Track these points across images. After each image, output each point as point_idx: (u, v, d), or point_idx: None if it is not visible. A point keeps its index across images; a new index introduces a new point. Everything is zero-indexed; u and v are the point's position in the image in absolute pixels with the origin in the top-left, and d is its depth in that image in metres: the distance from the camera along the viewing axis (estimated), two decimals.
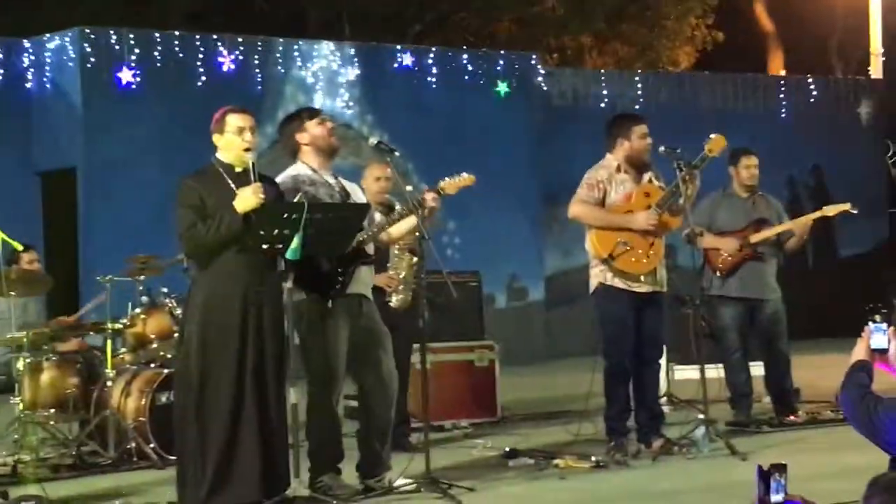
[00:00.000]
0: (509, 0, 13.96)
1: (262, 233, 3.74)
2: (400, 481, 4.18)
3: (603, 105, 10.75)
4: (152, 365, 5.09)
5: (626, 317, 4.80)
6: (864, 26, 13.58)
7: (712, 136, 4.95)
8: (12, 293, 4.89)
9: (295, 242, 3.82)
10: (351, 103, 9.74)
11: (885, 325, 2.91)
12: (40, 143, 9.09)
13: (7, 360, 5.33)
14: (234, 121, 3.97)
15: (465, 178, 4.48)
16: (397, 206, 4.72)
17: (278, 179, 4.22)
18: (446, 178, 4.49)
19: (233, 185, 3.89)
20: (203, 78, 9.16)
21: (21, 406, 4.77)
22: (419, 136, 9.46)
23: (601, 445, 4.80)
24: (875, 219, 11.78)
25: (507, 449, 4.92)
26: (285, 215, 3.85)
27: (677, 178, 4.79)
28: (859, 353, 2.95)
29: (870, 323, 2.89)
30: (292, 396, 3.87)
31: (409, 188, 4.66)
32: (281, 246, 3.81)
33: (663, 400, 5.71)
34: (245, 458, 3.87)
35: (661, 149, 4.92)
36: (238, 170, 3.95)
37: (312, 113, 4.54)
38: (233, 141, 3.95)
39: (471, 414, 6.07)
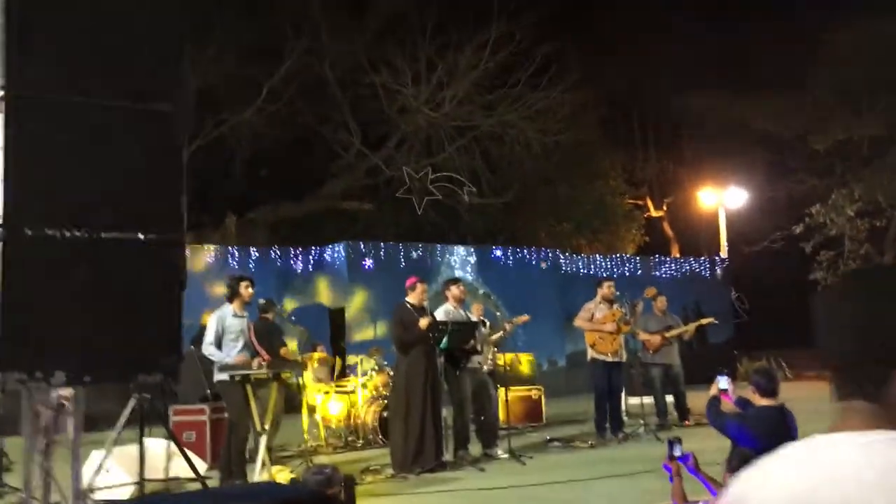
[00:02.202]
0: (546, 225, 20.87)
1: (431, 335, 7.52)
2: (499, 452, 7.99)
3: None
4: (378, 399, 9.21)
5: (603, 373, 9.08)
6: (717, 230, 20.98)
7: (648, 287, 9.58)
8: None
9: (444, 341, 7.67)
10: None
11: (726, 377, 5.14)
12: None
13: None
14: (421, 286, 8.03)
15: (524, 317, 9.07)
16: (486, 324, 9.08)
17: (439, 313, 8.07)
18: (516, 318, 9.07)
19: (416, 315, 7.68)
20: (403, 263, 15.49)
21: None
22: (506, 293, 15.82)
23: (592, 436, 8.84)
24: (725, 326, 19.48)
25: (549, 437, 9.22)
26: (440, 328, 7.49)
27: (627, 309, 9.42)
28: (713, 391, 5.13)
29: (718, 376, 5.95)
30: (444, 412, 7.81)
31: (498, 314, 9.34)
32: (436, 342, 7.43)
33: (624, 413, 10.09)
34: (428, 441, 7.30)
35: (618, 293, 9.52)
36: (419, 307, 7.89)
37: (455, 281, 8.64)
38: (418, 294, 7.84)
39: (530, 421, 10.57)
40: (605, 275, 18.63)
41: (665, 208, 25.46)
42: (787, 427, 4.96)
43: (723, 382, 5.39)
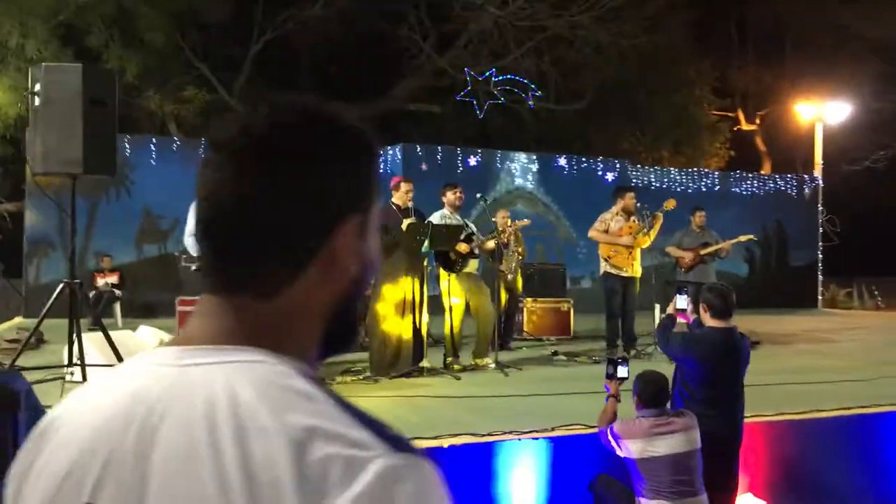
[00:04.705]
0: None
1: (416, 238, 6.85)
2: (488, 362, 7.52)
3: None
4: None
5: (617, 288, 8.58)
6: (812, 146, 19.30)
7: (667, 200, 8.76)
8: None
9: (426, 244, 6.93)
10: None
11: (685, 296, 4.90)
12: None
13: None
14: (405, 185, 7.26)
15: (525, 221, 8.52)
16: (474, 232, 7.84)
17: (434, 217, 7.42)
18: (517, 221, 8.48)
19: (400, 216, 7.04)
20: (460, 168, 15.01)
21: None
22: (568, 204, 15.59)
23: (604, 352, 8.34)
24: (810, 249, 18.69)
25: (554, 351, 8.84)
26: (421, 229, 6.79)
27: (647, 221, 8.81)
28: (670, 309, 5.67)
29: (677, 294, 5.37)
30: (426, 317, 7.26)
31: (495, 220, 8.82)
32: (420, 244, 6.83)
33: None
34: (405, 346, 6.81)
35: (638, 204, 8.87)
36: (403, 207, 7.15)
37: (452, 185, 7.73)
38: (402, 195, 7.11)
39: (558, 334, 10.31)
40: (679, 189, 17.70)
41: (759, 121, 23.73)
42: (734, 352, 4.53)
43: (681, 301, 4.97)
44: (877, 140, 20.86)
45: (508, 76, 17.05)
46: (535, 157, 16.61)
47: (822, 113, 19.80)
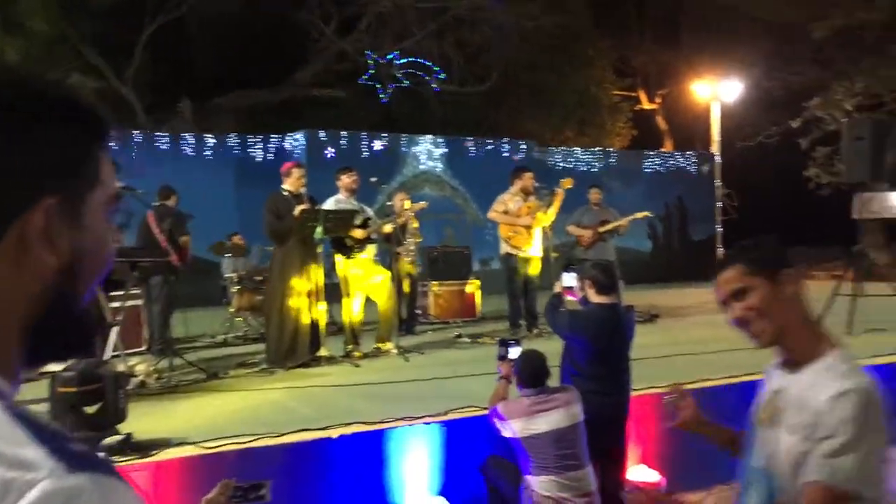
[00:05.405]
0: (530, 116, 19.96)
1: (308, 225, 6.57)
2: (390, 348, 7.43)
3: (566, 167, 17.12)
4: None
5: (517, 268, 8.56)
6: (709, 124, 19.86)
7: (564, 179, 8.75)
8: None
9: (318, 230, 6.68)
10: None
11: (573, 273, 4.71)
12: None
13: None
14: (297, 171, 6.94)
15: (422, 203, 8.19)
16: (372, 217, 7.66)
17: (328, 203, 7.15)
18: (414, 204, 8.07)
19: (293, 203, 6.72)
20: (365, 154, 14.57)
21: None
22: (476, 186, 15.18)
23: (507, 333, 8.31)
24: (710, 224, 19.14)
25: (458, 334, 8.77)
26: (313, 215, 6.54)
27: (544, 199, 8.84)
28: (557, 288, 4.80)
29: (564, 272, 5.38)
30: (323, 305, 6.89)
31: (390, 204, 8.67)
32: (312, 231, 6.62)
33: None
34: (302, 336, 6.66)
35: (537, 184, 8.91)
36: (295, 194, 6.84)
37: (346, 169, 7.59)
38: (294, 181, 6.83)
39: (463, 316, 10.34)
40: (585, 169, 17.97)
41: (659, 101, 24.37)
42: (620, 328, 4.56)
43: (567, 279, 4.93)
44: (769, 117, 21.68)
45: (411, 59, 16.90)
46: (441, 141, 16.59)
47: (717, 92, 20.45)
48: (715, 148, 19.80)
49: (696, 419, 2.33)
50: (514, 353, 4.44)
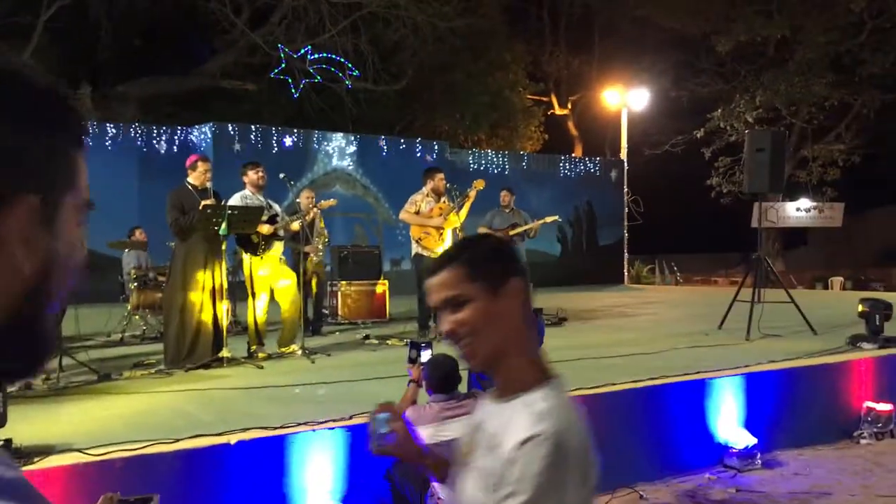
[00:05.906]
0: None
1: (212, 221, 6.31)
2: (295, 349, 7.20)
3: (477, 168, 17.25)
4: None
5: (427, 269, 8.72)
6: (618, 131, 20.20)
7: (476, 180, 8.77)
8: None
9: (223, 226, 6.46)
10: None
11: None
12: None
13: None
14: (203, 164, 6.73)
15: (331, 201, 8.03)
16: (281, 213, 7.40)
17: (234, 199, 6.91)
18: (322, 201, 8.00)
19: (198, 197, 6.52)
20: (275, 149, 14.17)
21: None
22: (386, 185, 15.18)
23: (416, 334, 8.28)
24: (617, 228, 19.29)
25: (365, 335, 8.64)
26: (217, 211, 6.39)
27: (456, 201, 8.80)
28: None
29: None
30: (226, 304, 6.72)
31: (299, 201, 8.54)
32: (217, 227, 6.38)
33: None
34: (203, 336, 6.46)
35: (448, 185, 8.86)
36: (200, 188, 6.61)
37: (253, 164, 7.36)
38: (199, 175, 6.61)
39: (373, 316, 10.20)
40: (497, 171, 18.08)
41: (570, 106, 24.81)
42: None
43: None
44: (675, 126, 22.40)
45: (324, 55, 16.63)
46: (353, 139, 16.38)
47: (626, 99, 20.95)
48: (623, 154, 20.28)
49: (407, 446, 1.84)
50: (426, 356, 4.34)
